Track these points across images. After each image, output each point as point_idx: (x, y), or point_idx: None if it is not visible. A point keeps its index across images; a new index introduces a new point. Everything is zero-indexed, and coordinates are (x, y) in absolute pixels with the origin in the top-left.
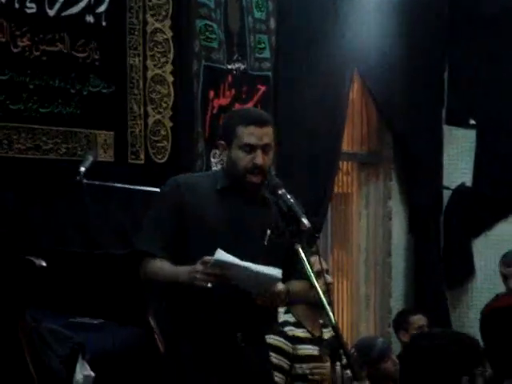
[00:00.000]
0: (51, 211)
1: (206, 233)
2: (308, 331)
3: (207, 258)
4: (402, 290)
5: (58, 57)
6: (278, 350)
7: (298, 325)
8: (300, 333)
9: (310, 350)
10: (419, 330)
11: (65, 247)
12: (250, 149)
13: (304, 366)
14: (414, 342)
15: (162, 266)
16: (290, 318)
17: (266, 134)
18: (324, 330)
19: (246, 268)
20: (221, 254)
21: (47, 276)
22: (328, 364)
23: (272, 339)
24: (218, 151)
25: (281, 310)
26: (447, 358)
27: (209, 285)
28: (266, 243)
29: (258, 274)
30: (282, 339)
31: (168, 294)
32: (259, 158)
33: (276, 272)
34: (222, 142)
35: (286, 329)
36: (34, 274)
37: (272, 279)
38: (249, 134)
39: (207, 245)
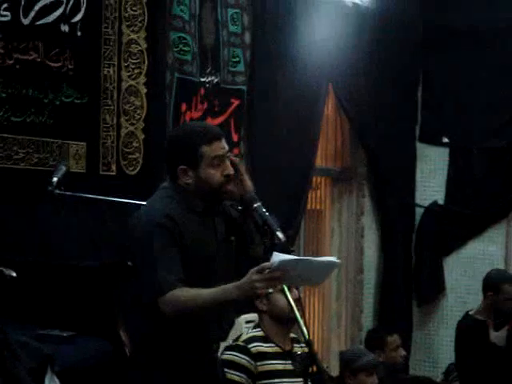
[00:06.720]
0: (22, 221)
1: (200, 259)
2: (277, 345)
3: (265, 264)
4: (374, 307)
5: (31, 66)
6: (241, 368)
7: (266, 339)
8: (267, 348)
9: (277, 365)
10: (396, 350)
11: (36, 258)
12: (220, 161)
13: (266, 381)
14: None
15: (197, 291)
16: (257, 332)
17: (225, 143)
18: (295, 345)
19: (309, 261)
20: (280, 256)
21: (17, 287)
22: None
23: (235, 356)
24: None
25: (249, 324)
26: None
27: (270, 290)
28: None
29: (318, 264)
30: (245, 357)
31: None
32: (229, 168)
33: (332, 258)
34: (184, 167)
35: (250, 346)
36: (3, 285)
37: (333, 265)
38: (214, 149)
39: (203, 271)
